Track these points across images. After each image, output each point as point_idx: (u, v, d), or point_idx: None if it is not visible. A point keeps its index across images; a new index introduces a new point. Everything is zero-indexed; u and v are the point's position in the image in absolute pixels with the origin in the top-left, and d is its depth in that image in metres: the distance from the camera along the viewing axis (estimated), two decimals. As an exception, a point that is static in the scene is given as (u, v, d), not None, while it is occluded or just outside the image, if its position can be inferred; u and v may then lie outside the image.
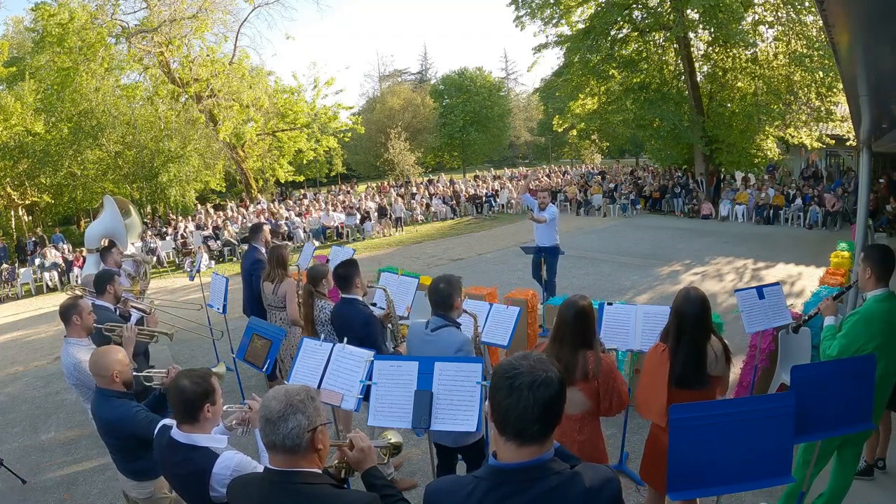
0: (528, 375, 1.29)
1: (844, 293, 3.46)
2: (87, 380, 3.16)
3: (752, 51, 16.06)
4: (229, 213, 18.42)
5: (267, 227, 6.04)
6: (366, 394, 2.69)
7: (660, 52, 18.06)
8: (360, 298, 3.58)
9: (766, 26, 15.92)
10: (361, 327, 3.40)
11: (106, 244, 6.20)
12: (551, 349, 2.58)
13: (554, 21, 17.99)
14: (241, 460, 2.01)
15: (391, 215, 17.51)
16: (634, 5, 16.95)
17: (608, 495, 1.35)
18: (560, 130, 24.14)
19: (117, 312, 4.07)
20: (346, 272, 3.55)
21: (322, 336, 3.85)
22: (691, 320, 2.54)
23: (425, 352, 2.79)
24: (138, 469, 2.62)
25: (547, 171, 27.88)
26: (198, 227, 16.44)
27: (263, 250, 5.59)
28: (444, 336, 2.82)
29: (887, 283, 2.82)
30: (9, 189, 17.61)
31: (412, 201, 19.90)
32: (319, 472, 1.57)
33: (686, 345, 2.54)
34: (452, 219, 19.46)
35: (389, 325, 3.93)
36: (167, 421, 2.14)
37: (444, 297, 2.88)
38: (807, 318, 3.49)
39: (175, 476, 2.08)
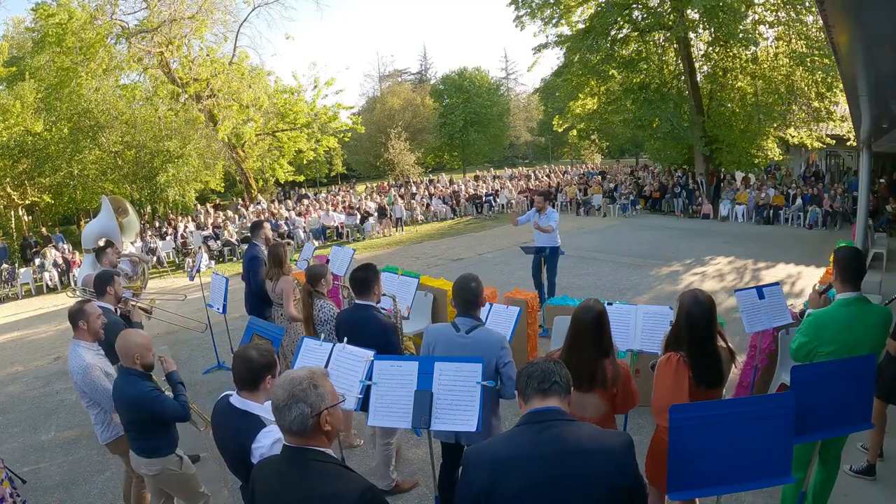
0: (543, 360, 1.77)
1: (830, 289, 3.45)
2: (92, 387, 3.15)
3: (752, 50, 16.05)
4: (229, 214, 18.44)
5: (268, 225, 6.06)
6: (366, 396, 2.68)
7: (660, 52, 18.05)
8: (376, 305, 3.40)
9: (767, 26, 15.92)
10: (381, 334, 3.22)
11: (102, 244, 6.20)
12: (569, 358, 2.52)
13: (554, 21, 17.96)
14: (282, 438, 2.08)
15: (391, 215, 17.51)
16: (634, 5, 16.93)
17: (623, 441, 1.63)
18: (560, 130, 24.11)
19: (118, 313, 4.07)
20: (365, 276, 3.35)
21: (322, 336, 3.83)
22: (704, 323, 2.50)
23: (463, 355, 2.66)
24: (149, 447, 2.87)
25: (547, 170, 27.88)
26: (198, 227, 16.44)
27: (263, 248, 5.61)
28: (482, 336, 2.76)
29: (856, 286, 2.72)
30: (9, 189, 17.59)
31: (412, 201, 19.89)
32: (328, 451, 1.66)
33: (704, 348, 2.51)
34: (452, 219, 19.46)
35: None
36: (228, 392, 2.32)
37: (475, 296, 2.82)
38: (805, 310, 3.50)
39: (223, 438, 2.23)
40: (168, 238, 15.84)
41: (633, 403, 2.67)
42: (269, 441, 2.06)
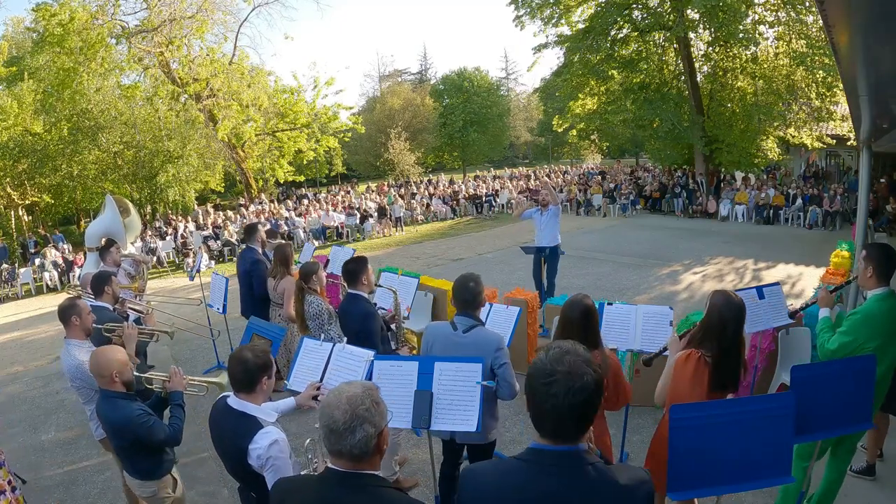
0: (564, 382, 1.32)
1: (843, 288, 3.47)
2: (90, 381, 3.14)
3: (752, 50, 16.05)
4: (229, 214, 18.45)
5: (262, 228, 6.03)
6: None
7: (660, 52, 18.05)
8: (365, 295, 3.55)
9: (767, 26, 15.93)
10: (359, 321, 3.40)
11: (105, 243, 6.19)
12: None
13: (554, 21, 17.97)
14: (280, 440, 2.08)
15: (391, 215, 17.51)
16: (634, 5, 16.94)
17: (643, 495, 1.38)
18: (560, 130, 24.12)
19: (115, 313, 4.06)
20: (354, 268, 3.56)
21: (311, 330, 3.90)
22: (733, 325, 2.44)
23: (458, 353, 2.68)
24: (142, 469, 2.70)
25: (547, 170, 27.88)
26: (198, 227, 16.44)
27: (260, 250, 5.58)
28: (480, 336, 2.76)
29: (888, 282, 2.81)
30: (9, 189, 17.60)
31: (412, 201, 19.90)
32: (379, 473, 1.53)
33: (731, 350, 2.45)
34: (452, 219, 19.45)
35: (393, 327, 3.94)
36: (226, 393, 2.29)
37: (473, 296, 2.82)
38: (805, 305, 3.50)
39: (221, 439, 2.20)
40: (168, 238, 15.84)
41: (625, 399, 2.62)
42: (266, 442, 2.04)
